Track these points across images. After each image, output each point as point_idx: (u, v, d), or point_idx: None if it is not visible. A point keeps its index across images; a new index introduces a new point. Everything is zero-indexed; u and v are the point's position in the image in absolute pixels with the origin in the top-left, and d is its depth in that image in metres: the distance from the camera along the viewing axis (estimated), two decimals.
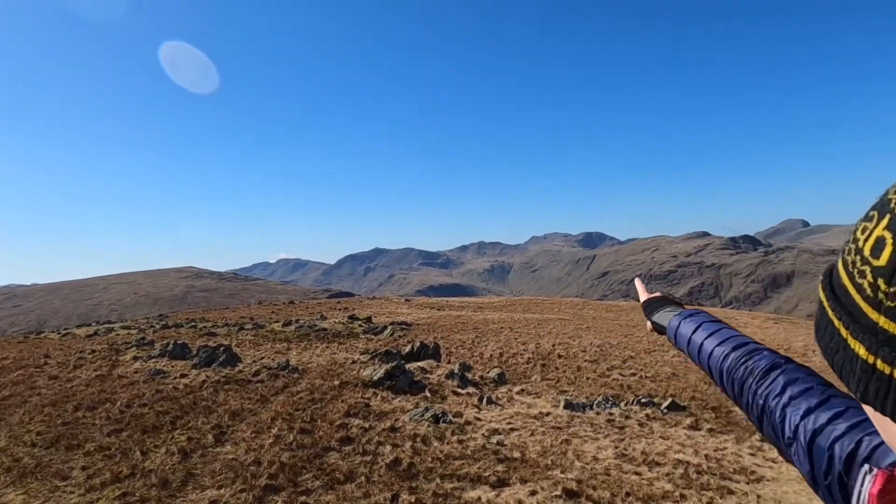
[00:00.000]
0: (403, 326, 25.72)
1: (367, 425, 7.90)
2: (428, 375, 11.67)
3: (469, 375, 12.29)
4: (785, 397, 0.82)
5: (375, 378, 10.58)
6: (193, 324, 26.86)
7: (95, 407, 8.76)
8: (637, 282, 1.66)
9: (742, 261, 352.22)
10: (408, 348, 14.31)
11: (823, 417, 0.72)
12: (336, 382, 10.57)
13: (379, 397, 9.63)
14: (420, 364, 12.68)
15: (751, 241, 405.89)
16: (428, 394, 10.28)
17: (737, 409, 10.62)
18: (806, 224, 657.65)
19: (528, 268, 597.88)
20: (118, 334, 22.33)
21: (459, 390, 10.86)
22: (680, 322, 1.24)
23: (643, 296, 1.52)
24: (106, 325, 29.33)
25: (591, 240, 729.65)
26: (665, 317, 1.33)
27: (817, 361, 17.20)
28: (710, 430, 9.10)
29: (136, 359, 13.29)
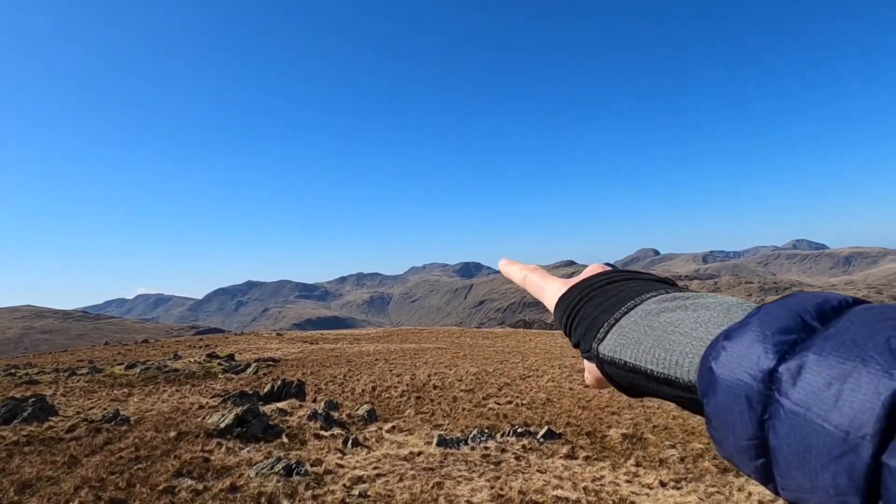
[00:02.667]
0: (270, 363, 23.73)
1: (200, 486, 6.52)
2: (287, 417, 10.35)
3: (336, 414, 11.13)
4: None
5: (223, 425, 9.10)
6: (12, 371, 22.76)
7: None
8: (506, 264, 0.80)
9: None
10: (268, 387, 12.82)
11: None
12: (172, 434, 8.93)
13: (223, 448, 8.20)
14: (280, 405, 11.29)
15: None
16: (285, 439, 9.00)
17: (611, 433, 10.50)
18: (657, 253, 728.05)
19: (408, 298, 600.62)
20: None
21: (323, 432, 9.68)
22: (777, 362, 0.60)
23: (548, 286, 0.66)
24: None
25: (469, 269, 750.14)
26: (686, 341, 0.61)
27: None
28: (586, 458, 8.77)
29: None
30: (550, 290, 0.65)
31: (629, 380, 0.60)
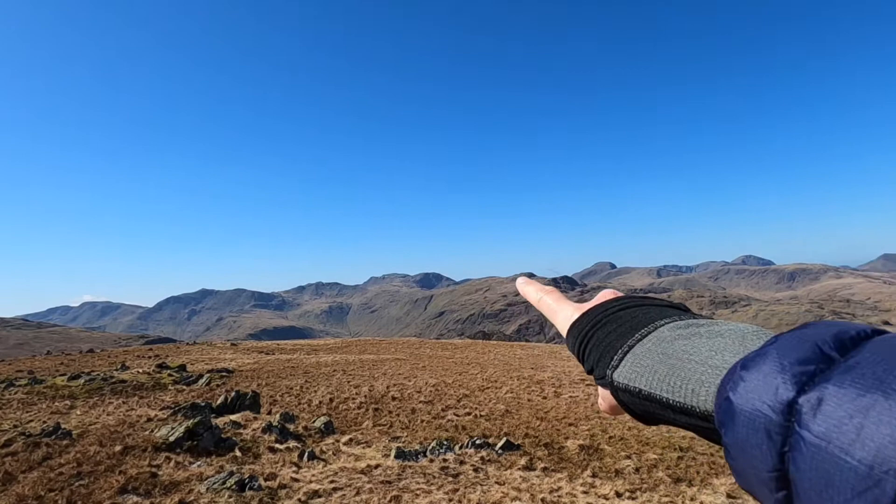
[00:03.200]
0: (224, 374, 23.04)
1: (147, 503, 6.26)
2: (241, 430, 10.06)
3: (291, 427, 10.89)
4: None
5: (172, 439, 8.77)
6: None
7: None
8: (524, 283, 0.72)
9: None
10: (221, 399, 12.45)
11: None
12: (118, 448, 8.55)
13: (172, 463, 7.90)
14: (234, 417, 10.98)
15: (569, 282, 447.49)
16: (238, 453, 8.74)
17: (568, 444, 10.60)
18: (613, 266, 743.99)
19: (367, 308, 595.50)
20: None
21: (278, 445, 9.44)
22: (822, 396, 0.60)
23: (561, 310, 0.63)
24: None
25: (429, 280, 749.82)
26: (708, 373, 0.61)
27: None
28: (544, 469, 8.81)
29: None
30: (563, 314, 0.64)
31: (644, 408, 0.60)
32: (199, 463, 8.02)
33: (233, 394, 12.83)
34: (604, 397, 0.61)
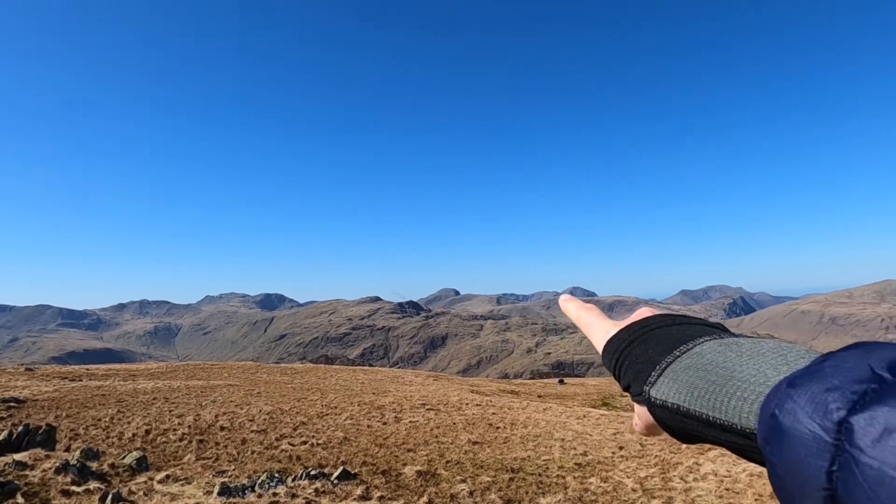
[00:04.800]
0: (12, 404, 19.58)
1: None
2: (27, 472, 8.54)
3: (94, 465, 9.50)
4: None
5: None
6: None
7: None
8: (566, 300, 0.66)
9: (407, 324, 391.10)
10: (3, 435, 10.50)
11: None
12: None
13: None
14: (18, 456, 9.29)
15: (415, 307, 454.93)
16: (21, 499, 7.39)
17: (406, 470, 10.54)
18: (457, 293, 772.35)
19: (200, 330, 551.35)
20: None
21: (74, 488, 8.16)
22: None
23: (598, 327, 0.64)
24: None
25: (271, 301, 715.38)
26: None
27: (470, 413, 19.01)
28: (380, 498, 8.64)
29: None
30: (601, 331, 0.63)
31: (682, 425, 0.58)
32: None
33: (20, 428, 10.90)
34: (640, 415, 0.59)
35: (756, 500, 9.18)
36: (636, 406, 0.60)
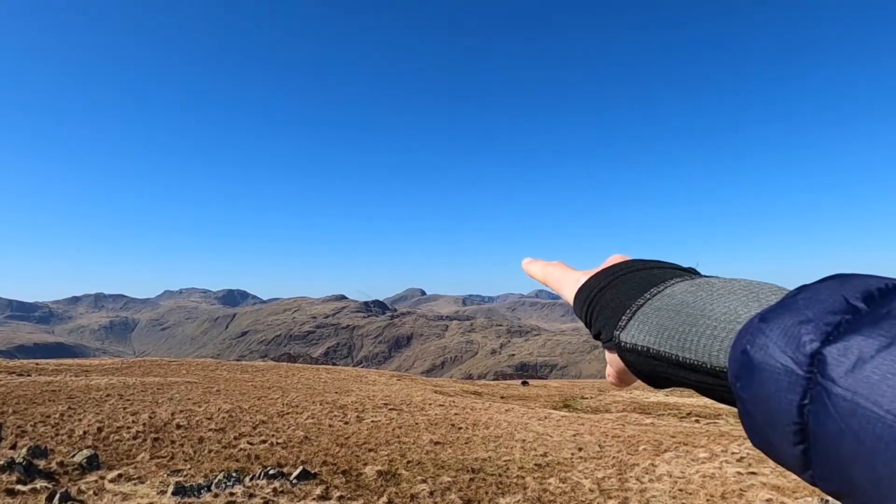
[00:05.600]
0: None
1: None
2: None
3: (42, 463, 9.18)
4: None
5: None
6: None
7: None
8: (528, 262, 0.79)
9: (372, 323, 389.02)
10: None
11: None
12: None
13: None
14: None
15: (380, 306, 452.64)
16: None
17: (367, 470, 10.48)
18: (423, 293, 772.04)
19: (158, 325, 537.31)
20: None
21: (20, 487, 7.87)
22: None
23: (567, 279, 0.67)
24: None
25: (233, 297, 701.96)
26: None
27: (433, 413, 19.02)
28: (339, 498, 8.58)
29: None
30: (570, 282, 0.64)
31: (652, 368, 0.55)
32: None
33: None
34: (611, 362, 0.58)
35: (708, 500, 9.46)
36: (607, 353, 0.59)
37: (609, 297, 0.59)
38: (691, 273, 0.60)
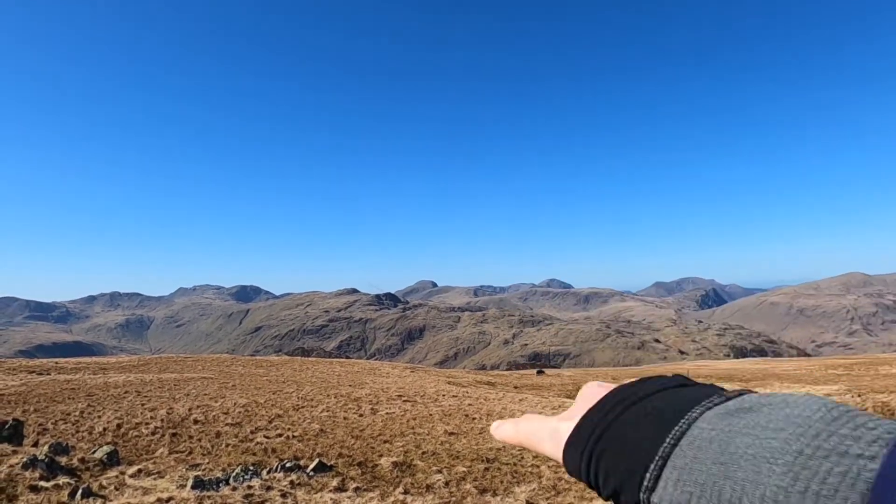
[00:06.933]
0: None
1: None
2: None
3: (64, 460, 9.31)
4: None
5: None
6: None
7: None
8: (497, 426, 0.55)
9: (385, 316, 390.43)
10: None
11: None
12: None
13: None
14: None
15: (392, 299, 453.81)
16: None
17: (382, 461, 10.55)
18: (435, 285, 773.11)
19: (173, 322, 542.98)
20: None
21: (43, 483, 7.99)
22: None
23: (546, 430, 0.49)
24: None
25: (246, 293, 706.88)
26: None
27: (446, 404, 19.10)
28: (356, 490, 8.64)
29: None
30: (550, 433, 0.48)
31: None
32: None
33: None
34: None
35: None
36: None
37: (617, 446, 0.46)
38: (693, 385, 0.46)
